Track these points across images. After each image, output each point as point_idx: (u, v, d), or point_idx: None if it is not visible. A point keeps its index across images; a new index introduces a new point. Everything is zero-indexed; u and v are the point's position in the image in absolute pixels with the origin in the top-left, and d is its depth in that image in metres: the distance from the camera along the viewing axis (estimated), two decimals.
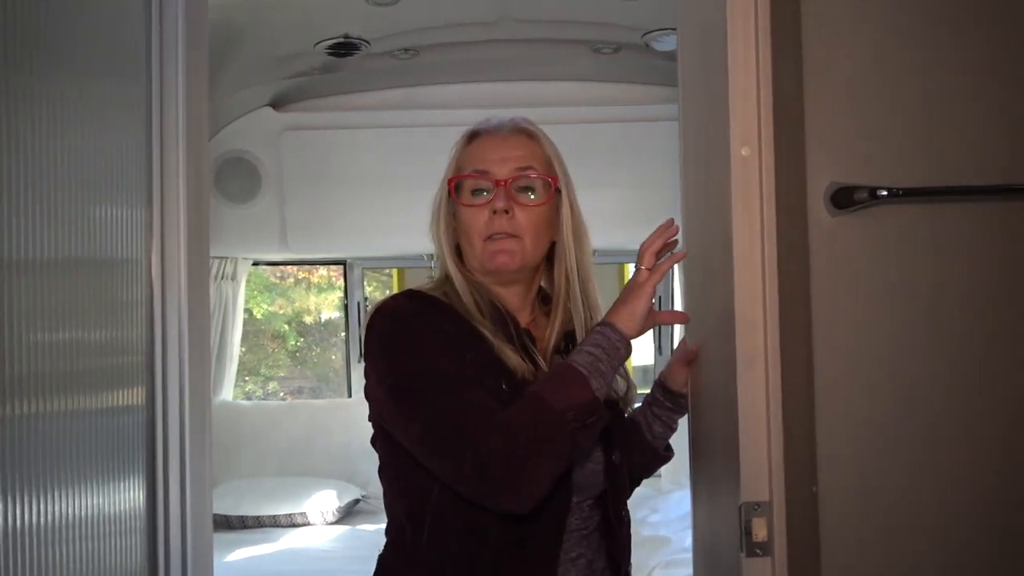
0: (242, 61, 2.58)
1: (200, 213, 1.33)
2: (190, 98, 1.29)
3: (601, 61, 2.73)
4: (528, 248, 1.13)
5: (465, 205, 1.14)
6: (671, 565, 2.41)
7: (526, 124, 1.19)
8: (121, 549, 1.17)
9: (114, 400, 1.18)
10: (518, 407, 1.02)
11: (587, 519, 1.13)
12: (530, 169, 1.14)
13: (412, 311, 1.10)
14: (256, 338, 5.39)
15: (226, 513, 3.02)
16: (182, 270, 1.27)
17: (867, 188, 1.06)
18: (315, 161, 3.06)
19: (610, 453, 1.14)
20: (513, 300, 1.18)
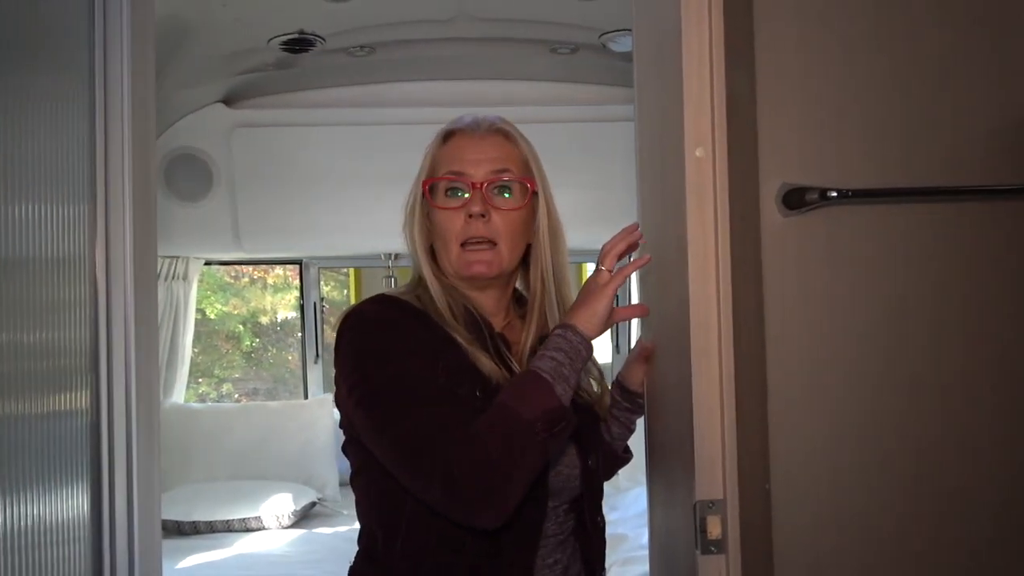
0: (193, 56, 2.52)
1: (147, 211, 1.30)
2: (136, 93, 1.25)
3: (559, 61, 2.73)
4: (504, 254, 1.12)
5: (440, 208, 1.12)
6: (628, 562, 2.42)
7: (503, 124, 1.17)
8: (63, 559, 1.13)
9: (57, 404, 1.15)
10: (487, 419, 1.00)
11: (563, 524, 1.13)
12: (507, 172, 1.12)
13: (383, 318, 1.08)
14: (210, 339, 5.28)
15: (177, 519, 2.94)
16: (128, 270, 1.23)
17: (817, 189, 1.08)
18: (269, 159, 3.01)
19: (586, 458, 1.13)
20: (488, 304, 1.16)
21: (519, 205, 1.12)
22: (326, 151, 3.00)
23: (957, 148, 1.14)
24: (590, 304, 1.07)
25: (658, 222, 1.18)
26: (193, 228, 3.08)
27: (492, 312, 1.17)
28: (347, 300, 4.91)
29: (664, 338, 1.16)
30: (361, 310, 1.10)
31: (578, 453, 1.12)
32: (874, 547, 1.11)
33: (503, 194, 1.12)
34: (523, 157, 1.15)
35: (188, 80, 2.71)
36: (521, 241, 1.14)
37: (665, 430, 1.16)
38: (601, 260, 1.11)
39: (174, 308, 3.41)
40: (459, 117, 1.18)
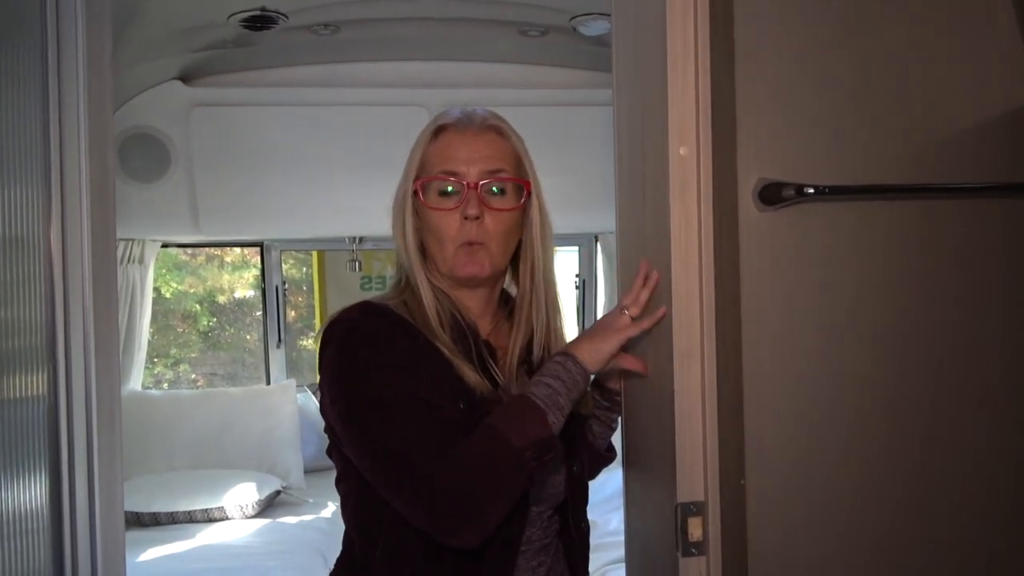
0: (147, 31, 2.41)
1: (105, 192, 1.26)
2: (92, 70, 1.20)
3: (528, 43, 2.69)
4: (496, 255, 1.10)
5: (433, 208, 1.09)
6: (599, 548, 2.42)
7: (495, 120, 1.14)
8: (22, 551, 1.10)
9: (13, 391, 1.12)
10: (473, 440, 0.98)
11: (547, 529, 1.12)
12: (502, 171, 1.10)
13: (366, 330, 1.05)
14: (165, 318, 5.16)
15: (137, 510, 2.87)
16: (86, 253, 1.20)
17: (794, 185, 1.08)
18: (229, 139, 2.91)
19: (571, 464, 1.12)
20: (476, 304, 1.14)
21: (514, 206, 1.10)
22: (289, 132, 2.91)
23: (931, 146, 1.15)
24: (598, 342, 1.06)
25: (638, 218, 1.16)
26: (149, 210, 2.98)
27: (480, 313, 1.15)
28: (307, 279, 4.82)
29: (644, 339, 1.14)
30: (345, 320, 1.06)
31: (563, 460, 1.11)
32: (848, 545, 1.13)
33: (498, 194, 1.10)
34: (516, 155, 1.13)
35: (142, 56, 2.60)
36: (512, 241, 1.13)
37: (643, 430, 1.15)
38: (626, 304, 1.08)
39: (130, 292, 3.30)
40: (447, 110, 1.15)
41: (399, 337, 1.05)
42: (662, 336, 1.04)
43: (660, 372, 1.05)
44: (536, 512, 1.10)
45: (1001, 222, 1.16)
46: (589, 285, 3.79)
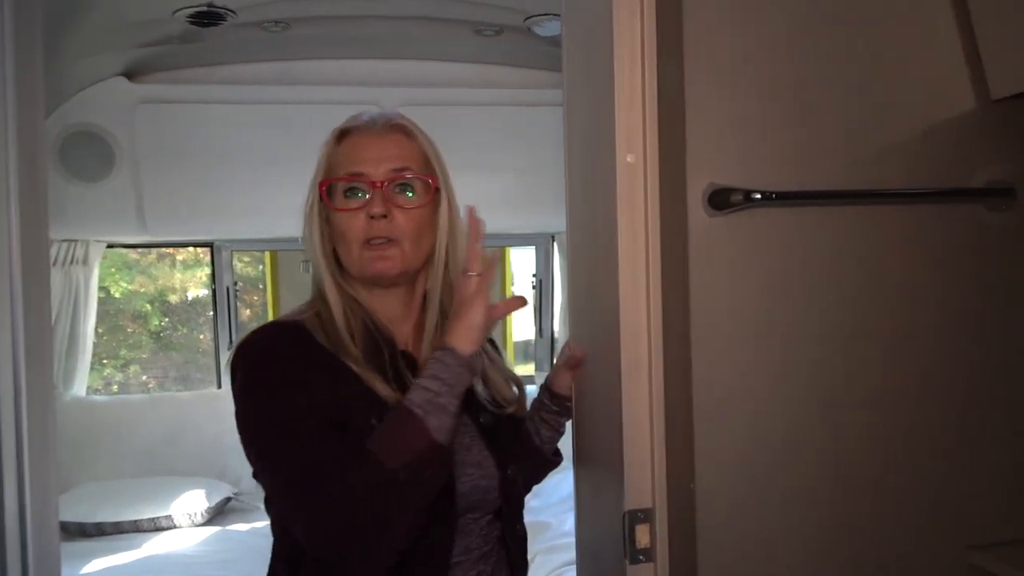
0: (90, 25, 2.33)
1: (36, 193, 1.21)
2: (20, 64, 1.16)
3: (483, 43, 2.67)
4: (408, 252, 1.07)
5: (339, 210, 1.06)
6: (553, 550, 2.43)
7: (400, 120, 1.12)
8: None
9: None
10: (355, 467, 0.94)
11: (487, 536, 1.10)
12: (407, 169, 1.08)
13: (270, 353, 1.02)
14: (115, 319, 5.01)
15: (80, 520, 2.78)
16: (14, 255, 1.15)
17: (742, 191, 1.09)
18: (176, 137, 2.83)
19: (505, 468, 1.10)
20: (395, 307, 1.11)
21: (422, 203, 1.09)
22: (238, 130, 2.85)
23: (877, 152, 1.17)
24: (465, 317, 1.01)
25: (588, 221, 1.15)
26: (93, 210, 2.89)
27: (400, 318, 1.12)
28: (263, 276, 4.74)
29: (593, 344, 1.14)
30: (251, 343, 1.03)
31: (496, 464, 1.10)
32: (797, 547, 1.14)
33: (405, 192, 1.08)
34: (423, 153, 1.11)
35: (85, 51, 2.51)
36: (426, 239, 1.10)
37: (593, 437, 1.15)
38: (469, 267, 1.03)
39: (73, 294, 3.20)
40: (354, 115, 1.13)
41: (306, 357, 1.02)
42: (610, 346, 1.04)
43: (609, 382, 1.05)
44: (472, 519, 1.08)
45: (945, 226, 1.18)
46: (546, 285, 3.79)
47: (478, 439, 1.10)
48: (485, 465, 1.09)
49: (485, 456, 1.09)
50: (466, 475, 1.07)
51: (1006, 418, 1.19)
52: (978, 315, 1.19)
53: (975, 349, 1.19)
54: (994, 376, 1.19)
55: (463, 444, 1.08)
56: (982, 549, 1.17)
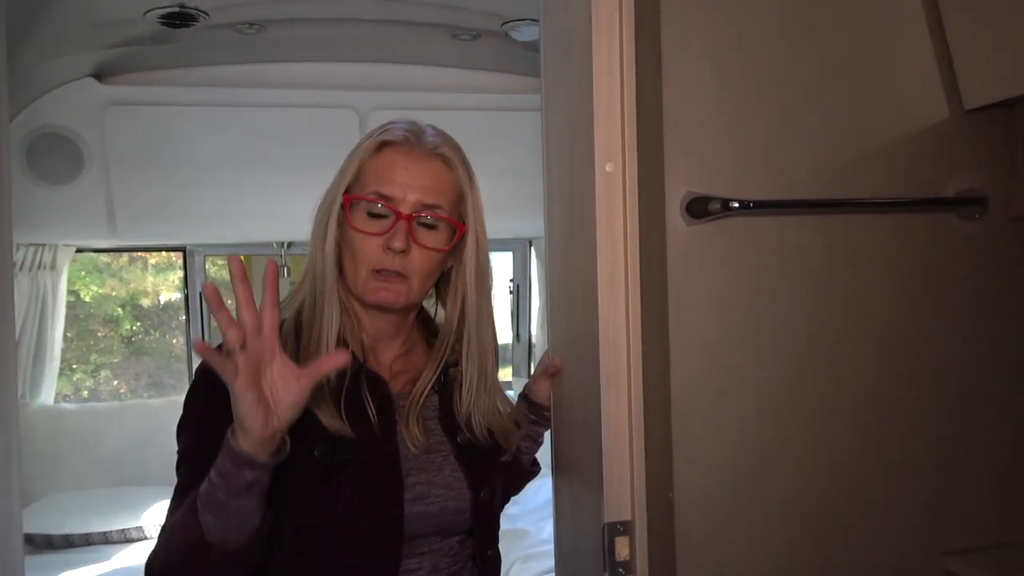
0: (58, 24, 2.28)
1: (0, 195, 1.16)
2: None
3: (461, 47, 2.66)
4: (415, 289, 1.05)
5: (358, 230, 1.03)
6: (531, 558, 2.42)
7: (444, 147, 1.07)
8: None
9: None
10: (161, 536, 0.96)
11: (456, 555, 1.09)
12: (438, 208, 1.04)
13: (210, 380, 0.96)
14: (85, 323, 4.93)
15: (47, 532, 2.72)
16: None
17: (720, 199, 1.09)
18: (147, 139, 2.78)
19: (478, 491, 1.08)
20: (386, 329, 1.10)
21: (443, 247, 1.06)
22: (212, 133, 2.81)
23: (854, 162, 1.17)
24: (233, 410, 0.85)
25: (566, 232, 1.15)
26: (61, 213, 2.82)
27: (387, 337, 1.10)
28: None
29: (571, 353, 1.13)
30: (200, 367, 1.00)
31: (470, 486, 1.08)
32: (773, 559, 1.14)
33: (429, 229, 1.05)
34: (459, 190, 1.07)
35: (53, 51, 2.46)
36: (433, 276, 1.08)
37: (572, 448, 1.14)
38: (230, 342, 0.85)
39: (41, 300, 3.13)
40: (395, 123, 1.07)
41: None
42: (589, 355, 1.03)
43: (587, 392, 1.04)
44: (440, 539, 1.06)
45: (919, 235, 1.19)
46: (523, 290, 3.78)
47: (451, 459, 1.08)
48: (456, 487, 1.07)
49: (457, 477, 1.07)
50: (435, 496, 1.05)
51: (981, 424, 1.20)
52: (952, 324, 1.20)
53: (950, 357, 1.20)
54: (970, 382, 1.20)
55: (435, 464, 1.06)
56: (958, 555, 1.18)
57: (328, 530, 0.97)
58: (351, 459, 0.98)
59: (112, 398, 4.80)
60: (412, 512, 1.02)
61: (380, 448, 1.02)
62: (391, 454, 1.03)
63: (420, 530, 1.03)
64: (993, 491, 1.20)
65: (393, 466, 1.02)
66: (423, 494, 1.04)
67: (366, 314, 1.08)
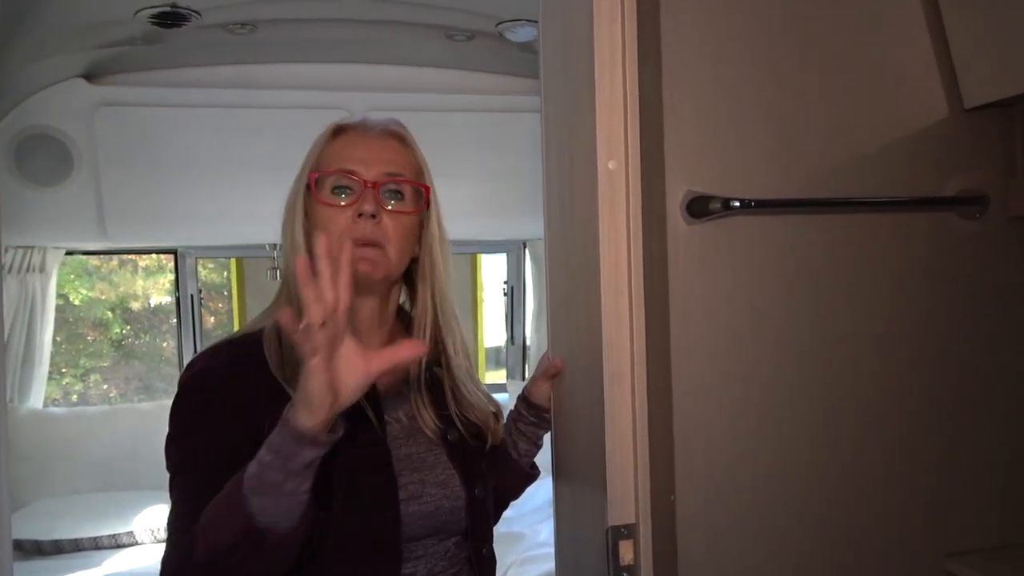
0: (47, 24, 2.26)
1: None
2: None
3: (455, 48, 2.65)
4: (392, 257, 1.05)
5: (326, 204, 1.04)
6: (528, 561, 2.40)
7: (397, 127, 1.10)
8: None
9: None
10: (170, 546, 0.95)
11: (452, 558, 1.07)
12: (400, 175, 1.06)
13: (197, 385, 0.99)
14: (74, 327, 4.89)
15: (36, 538, 2.69)
16: None
17: (721, 199, 1.09)
18: (138, 140, 2.76)
19: (472, 488, 1.07)
20: (367, 316, 1.08)
21: (413, 209, 1.07)
22: (204, 134, 2.80)
23: (854, 161, 1.17)
24: (301, 387, 0.86)
25: (566, 228, 1.14)
26: (51, 215, 2.81)
27: (369, 329, 1.08)
28: (227, 283, 4.67)
29: (573, 354, 1.12)
30: (196, 365, 1.01)
31: (463, 484, 1.07)
32: (775, 560, 1.13)
33: (395, 197, 1.06)
34: (416, 164, 1.10)
35: (42, 51, 2.44)
36: (408, 248, 1.08)
37: (573, 450, 1.13)
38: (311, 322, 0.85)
39: (30, 303, 3.10)
40: (350, 115, 1.11)
41: (232, 391, 0.97)
42: (592, 356, 1.02)
43: (590, 394, 1.03)
44: (436, 541, 1.05)
45: (919, 234, 1.19)
46: (517, 292, 3.78)
47: (443, 457, 1.07)
48: (450, 485, 1.06)
49: (451, 475, 1.06)
50: (429, 495, 1.04)
51: (982, 424, 1.20)
52: (953, 324, 1.20)
53: (950, 357, 1.19)
54: (970, 383, 1.20)
55: (427, 463, 1.06)
56: (959, 556, 1.17)
57: (325, 539, 0.96)
58: (341, 463, 0.97)
59: (102, 402, 4.76)
60: (407, 512, 1.01)
61: (371, 451, 1.02)
62: (383, 456, 1.02)
63: (416, 531, 1.03)
64: (995, 492, 1.20)
65: (385, 468, 1.01)
66: (416, 493, 1.03)
67: None
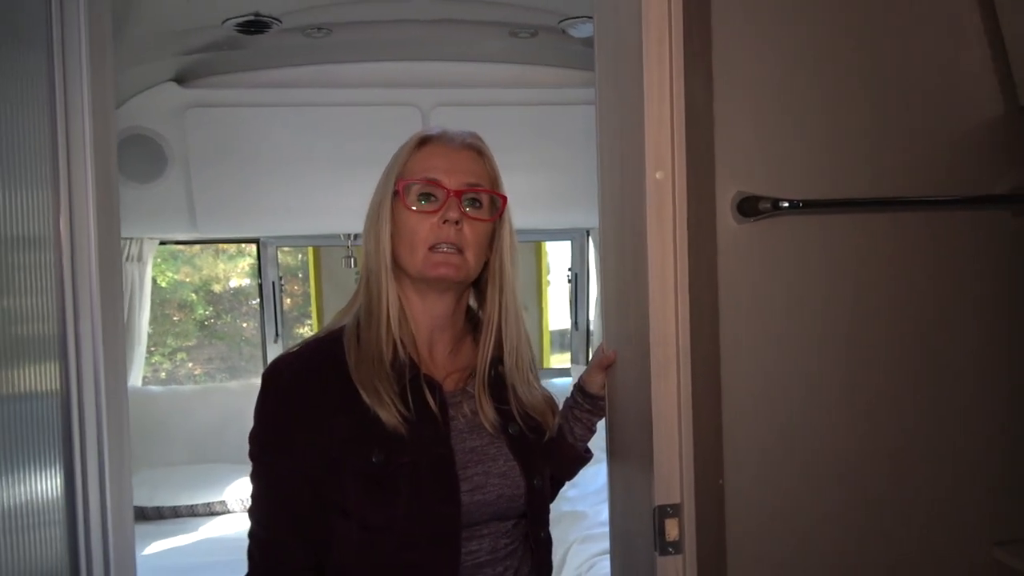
0: (141, 33, 2.43)
1: (109, 191, 1.28)
2: (94, 70, 1.22)
3: (519, 44, 2.71)
4: (471, 262, 1.14)
5: (413, 210, 1.13)
6: (588, 540, 2.49)
7: (475, 140, 1.19)
8: (40, 542, 1.14)
9: (28, 387, 1.15)
10: None
11: (513, 535, 1.17)
12: (479, 185, 1.15)
13: (280, 386, 1.10)
14: (162, 308, 5.17)
15: (140, 504, 2.93)
16: (92, 250, 1.22)
17: (770, 199, 1.11)
18: (224, 139, 2.95)
19: (531, 479, 1.16)
20: (441, 314, 1.17)
21: (490, 217, 1.15)
22: (283, 131, 2.95)
23: (903, 160, 1.18)
24: None
25: (618, 232, 1.20)
26: (147, 209, 3.01)
27: (441, 326, 1.18)
28: (303, 266, 4.87)
29: (624, 348, 1.19)
30: (270, 374, 1.12)
31: (523, 474, 1.16)
32: (822, 544, 1.17)
33: (473, 205, 1.15)
34: (493, 175, 1.18)
35: (137, 58, 2.62)
36: (483, 253, 1.16)
37: (625, 435, 1.20)
38: None
39: (129, 289, 3.35)
40: (431, 127, 1.20)
41: (313, 392, 1.09)
42: (640, 348, 1.09)
43: (639, 383, 1.11)
44: (498, 524, 1.15)
45: (971, 233, 1.20)
46: (581, 278, 3.84)
47: (505, 450, 1.16)
48: (511, 475, 1.15)
49: (512, 467, 1.15)
50: (492, 486, 1.13)
51: None
52: (1006, 322, 1.20)
53: (1003, 355, 1.20)
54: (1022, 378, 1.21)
55: (489, 455, 1.15)
56: (1008, 545, 1.19)
57: (389, 529, 1.08)
58: (407, 462, 1.08)
59: (188, 380, 5.05)
60: (472, 501, 1.11)
61: (435, 450, 1.10)
62: (446, 456, 1.11)
63: (479, 517, 1.13)
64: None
65: (448, 467, 1.10)
66: (481, 484, 1.12)
67: (422, 302, 1.15)
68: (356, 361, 1.10)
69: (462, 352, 1.21)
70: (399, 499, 1.07)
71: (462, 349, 1.21)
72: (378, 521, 1.07)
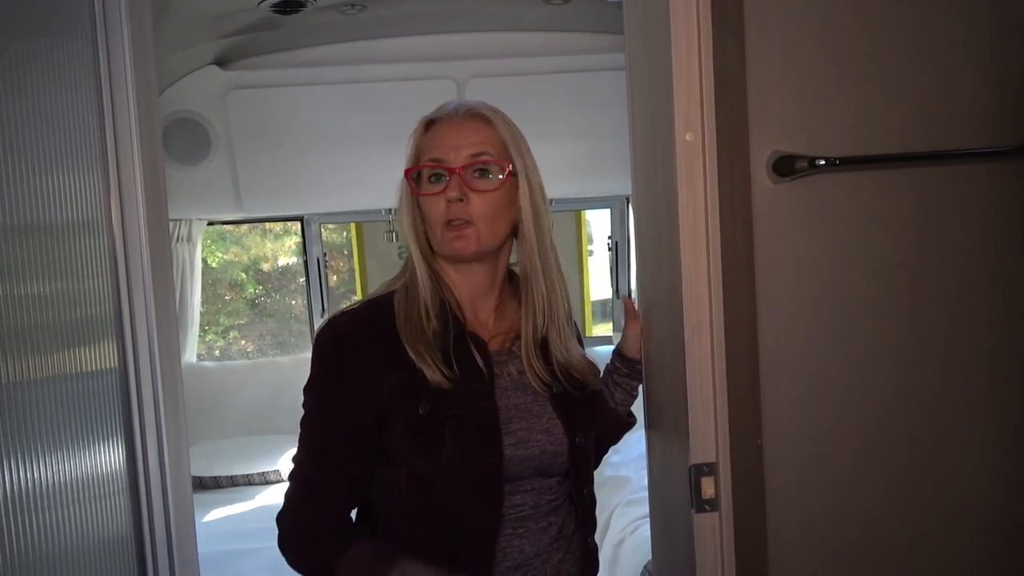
0: (180, 19, 2.49)
1: (155, 173, 1.31)
2: (137, 56, 1.25)
3: (551, 11, 2.70)
4: (483, 233, 1.15)
5: (424, 194, 1.17)
6: (631, 504, 2.52)
7: (481, 108, 1.19)
8: (106, 512, 1.19)
9: (88, 365, 1.19)
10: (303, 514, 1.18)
11: (558, 492, 1.20)
12: (484, 155, 1.16)
13: (334, 341, 1.15)
14: (213, 288, 5.33)
15: (199, 474, 3.06)
16: (142, 232, 1.26)
17: (806, 158, 1.10)
18: (265, 119, 3.01)
19: (573, 436, 1.19)
20: (478, 283, 1.20)
21: (496, 186, 1.16)
22: (322, 109, 3.00)
23: (939, 114, 1.15)
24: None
25: (651, 195, 1.21)
26: (194, 191, 3.11)
27: (483, 292, 1.21)
28: (347, 243, 4.96)
29: (659, 307, 1.20)
30: (332, 324, 1.17)
31: (566, 431, 1.18)
32: (862, 503, 1.17)
33: (483, 176, 1.16)
34: (501, 139, 1.17)
35: (178, 43, 2.69)
36: (502, 220, 1.18)
37: (661, 396, 1.22)
38: None
39: (180, 269, 3.46)
40: (442, 105, 1.22)
41: (365, 348, 1.14)
42: (675, 310, 1.10)
43: (674, 343, 1.12)
44: (542, 480, 1.18)
45: (1014, 186, 1.16)
46: (621, 246, 3.83)
47: (548, 408, 1.19)
48: (554, 432, 1.18)
49: (554, 424, 1.18)
50: (535, 441, 1.16)
51: None
52: None
53: None
54: None
55: (533, 412, 1.18)
56: None
57: (435, 478, 1.12)
58: (453, 415, 1.12)
59: (241, 356, 5.20)
60: (514, 455, 1.15)
61: (479, 404, 1.14)
62: (490, 410, 1.14)
63: (522, 471, 1.16)
64: None
65: (492, 420, 1.14)
66: (524, 439, 1.16)
67: (457, 273, 1.20)
68: (403, 322, 1.15)
69: (507, 315, 1.24)
70: (444, 450, 1.11)
71: (506, 312, 1.24)
72: (425, 470, 1.12)
